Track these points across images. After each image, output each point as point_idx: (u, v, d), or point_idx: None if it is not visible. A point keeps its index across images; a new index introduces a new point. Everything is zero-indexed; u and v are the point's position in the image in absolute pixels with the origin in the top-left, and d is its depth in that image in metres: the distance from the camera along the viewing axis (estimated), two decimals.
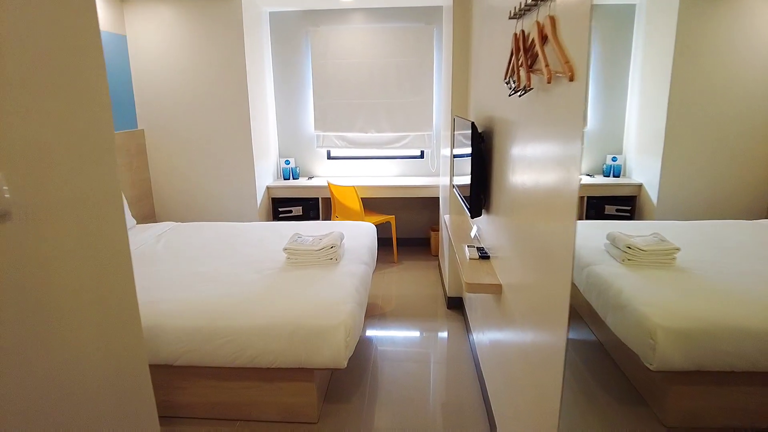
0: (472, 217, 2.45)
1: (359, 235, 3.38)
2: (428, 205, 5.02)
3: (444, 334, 3.27)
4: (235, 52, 4.15)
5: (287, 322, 2.19)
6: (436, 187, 4.55)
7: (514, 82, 1.76)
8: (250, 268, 2.79)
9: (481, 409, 2.47)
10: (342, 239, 2.96)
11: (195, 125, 4.33)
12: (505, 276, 2.01)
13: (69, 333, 1.18)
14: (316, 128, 4.89)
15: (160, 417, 2.48)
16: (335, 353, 2.17)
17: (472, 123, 2.29)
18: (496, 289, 2.13)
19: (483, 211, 2.49)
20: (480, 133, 2.37)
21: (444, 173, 3.94)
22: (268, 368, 2.24)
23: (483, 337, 2.64)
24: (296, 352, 2.18)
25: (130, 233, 3.59)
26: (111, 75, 3.96)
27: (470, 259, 2.41)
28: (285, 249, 2.82)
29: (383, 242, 5.14)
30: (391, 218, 4.55)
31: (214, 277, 2.66)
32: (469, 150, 2.44)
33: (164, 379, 2.37)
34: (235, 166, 4.37)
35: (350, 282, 2.54)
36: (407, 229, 5.13)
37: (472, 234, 2.81)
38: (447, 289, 3.67)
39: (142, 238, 3.44)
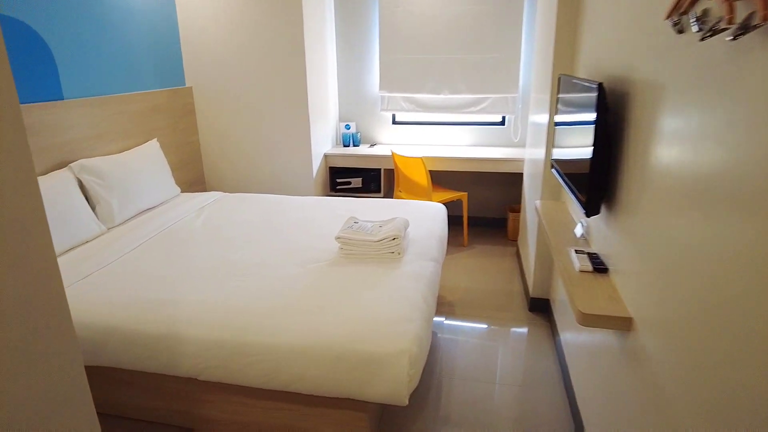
0: (589, 215, 1.79)
1: (427, 219, 2.80)
2: (507, 180, 4.33)
3: (525, 346, 2.68)
4: (292, 5, 3.58)
5: (332, 343, 1.68)
6: (519, 161, 3.85)
7: (696, 20, 1.07)
8: (294, 258, 2.30)
9: None
10: (406, 227, 2.39)
11: (247, 83, 3.85)
12: (643, 304, 1.37)
13: None
14: (380, 88, 4.28)
15: (181, 428, 2.15)
16: (394, 388, 1.65)
17: (599, 85, 1.61)
18: (624, 324, 1.50)
19: (602, 205, 1.83)
20: (604, 100, 1.68)
21: (533, 144, 3.24)
22: None
23: (581, 363, 2.02)
24: (343, 382, 1.68)
25: (172, 203, 3.23)
26: (156, 27, 3.53)
27: (581, 270, 1.77)
28: (338, 237, 2.30)
29: (450, 220, 4.54)
30: (463, 195, 3.92)
31: (247, 270, 2.19)
32: (585, 120, 1.77)
33: (186, 389, 1.96)
34: (290, 129, 3.88)
35: (416, 288, 1.99)
36: (480, 208, 4.48)
37: (578, 232, 2.15)
38: (530, 287, 3.04)
39: (183, 210, 3.05)
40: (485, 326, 2.85)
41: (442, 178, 4.41)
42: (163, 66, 3.64)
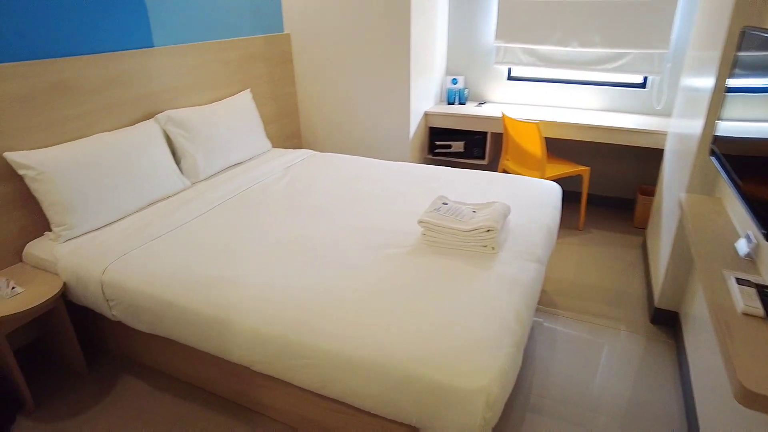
0: None
1: (535, 203, 2.33)
2: (641, 155, 3.61)
3: (639, 369, 2.18)
4: None
5: (396, 363, 1.37)
6: (660, 134, 3.13)
7: None
8: (371, 239, 2.01)
9: None
10: (506, 216, 1.97)
11: (346, 30, 3.51)
12: None
13: None
14: (497, 38, 3.70)
15: (240, 406, 2.03)
16: (465, 427, 1.32)
17: None
18: None
19: None
20: None
21: (683, 114, 2.56)
22: None
23: (718, 407, 1.52)
24: (403, 408, 1.39)
25: (260, 159, 3.08)
26: None
27: (744, 313, 1.26)
28: (421, 221, 1.95)
29: (565, 196, 3.95)
30: (585, 171, 3.32)
31: (317, 250, 1.93)
32: None
33: (243, 373, 1.80)
34: (389, 83, 3.51)
35: (509, 300, 1.60)
36: (603, 185, 3.83)
37: (741, 248, 1.58)
38: (656, 294, 2.48)
39: (270, 168, 2.89)
40: (591, 335, 2.38)
41: (561, 147, 3.80)
42: (260, 11, 3.42)
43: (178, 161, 2.68)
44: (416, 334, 1.44)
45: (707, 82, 2.16)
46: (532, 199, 2.37)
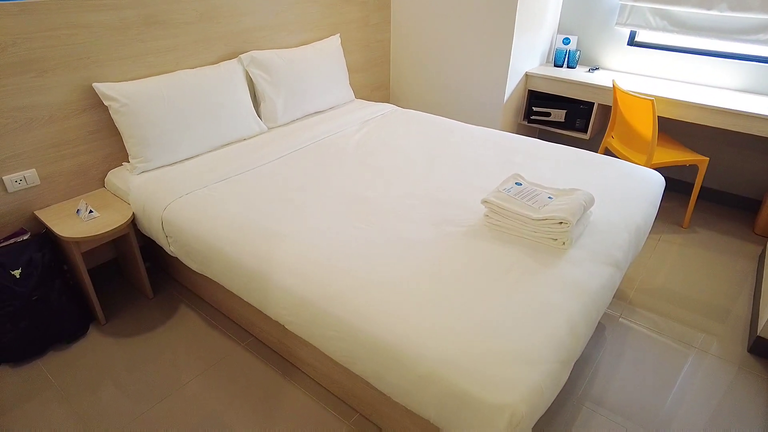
0: None
1: (630, 195, 2.02)
2: None
3: (723, 401, 1.87)
4: None
5: (421, 357, 1.26)
6: None
7: None
8: (432, 212, 1.86)
9: None
10: (588, 208, 1.72)
11: None
12: None
13: None
14: None
15: (280, 357, 2.07)
16: None
17: None
18: None
19: None
20: None
21: None
22: None
23: None
24: (425, 403, 1.29)
25: (341, 110, 2.99)
26: None
27: None
28: (485, 201, 1.76)
29: (672, 185, 3.47)
30: (702, 161, 2.84)
31: (374, 216, 1.83)
32: None
33: (282, 327, 1.81)
34: (489, 36, 3.20)
35: (568, 309, 1.40)
36: (722, 179, 3.28)
37: None
38: (762, 320, 2.09)
39: (348, 120, 2.80)
40: (671, 351, 2.09)
41: (679, 129, 3.29)
42: None
43: (257, 104, 2.67)
44: (449, 329, 1.31)
45: None
46: (627, 189, 2.06)
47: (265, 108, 2.65)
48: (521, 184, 1.83)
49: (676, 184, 3.46)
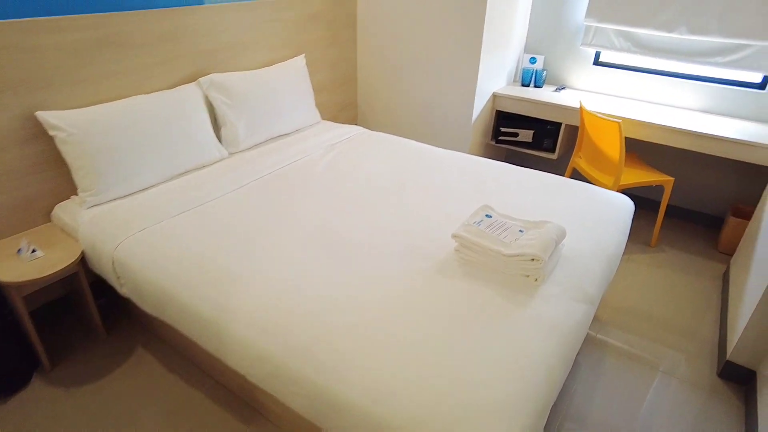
0: None
1: (601, 222, 2.00)
2: (741, 169, 3.08)
3: (698, 428, 1.86)
4: None
5: (391, 414, 1.18)
6: None
7: None
8: (399, 245, 1.79)
9: None
10: (559, 242, 1.68)
11: None
12: None
13: None
14: (588, 15, 3.22)
15: (242, 401, 1.91)
16: None
17: None
18: None
19: None
20: None
21: None
22: None
23: None
24: None
25: (306, 132, 2.91)
26: None
27: None
28: (455, 236, 1.70)
29: (640, 205, 3.51)
30: (668, 181, 2.87)
31: (339, 251, 1.74)
32: None
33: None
34: (457, 57, 3.17)
35: (544, 350, 1.34)
36: (687, 196, 3.33)
37: None
38: (731, 343, 2.10)
39: (314, 143, 2.71)
40: (641, 376, 2.07)
41: (644, 149, 3.33)
42: None
43: (218, 129, 2.56)
44: (421, 383, 1.23)
45: None
46: (598, 215, 2.04)
47: (226, 133, 2.54)
48: (491, 216, 1.78)
49: (644, 203, 3.50)
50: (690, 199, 3.32)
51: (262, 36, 2.82)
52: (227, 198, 2.12)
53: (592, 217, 2.03)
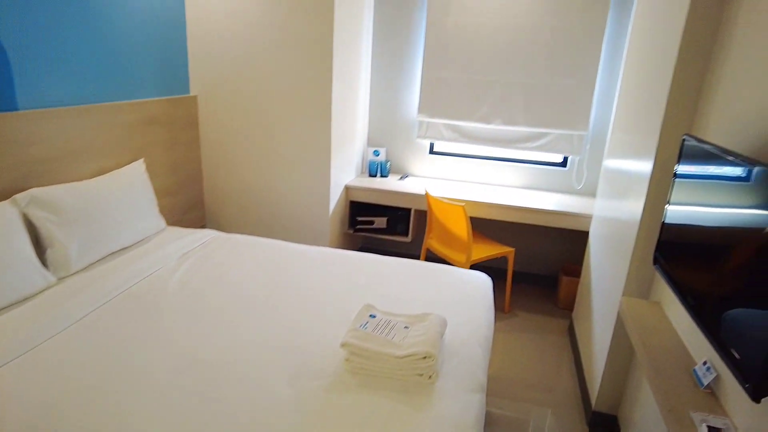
0: (757, 399, 1.07)
1: (469, 304, 2.10)
2: (566, 234, 3.59)
3: None
4: (321, 4, 2.94)
5: None
6: (584, 217, 3.11)
7: None
8: (281, 363, 1.64)
9: None
10: (443, 333, 1.71)
11: (262, 94, 3.23)
12: None
13: None
14: (420, 112, 3.60)
15: None
16: None
17: None
18: None
19: None
20: None
21: (610, 197, 2.52)
22: None
23: None
24: None
25: (151, 243, 2.61)
26: (158, 24, 2.93)
27: None
28: (344, 344, 1.62)
29: (489, 274, 3.83)
30: (510, 252, 3.21)
31: (206, 387, 1.53)
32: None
33: None
34: (308, 153, 3.24)
35: None
36: (527, 262, 3.75)
37: (703, 377, 1.43)
38: (593, 395, 2.32)
39: (163, 255, 2.43)
40: None
41: (486, 225, 3.70)
42: (164, 70, 3.04)
43: (42, 251, 2.16)
44: None
45: (618, 164, 2.12)
46: (466, 298, 2.15)
47: (53, 255, 2.15)
48: (375, 316, 1.75)
49: (493, 272, 3.83)
50: (530, 263, 3.74)
51: (93, 142, 2.54)
52: (59, 339, 1.74)
53: (462, 301, 2.13)
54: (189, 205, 3.41)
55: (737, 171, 1.28)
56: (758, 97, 1.40)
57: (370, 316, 1.75)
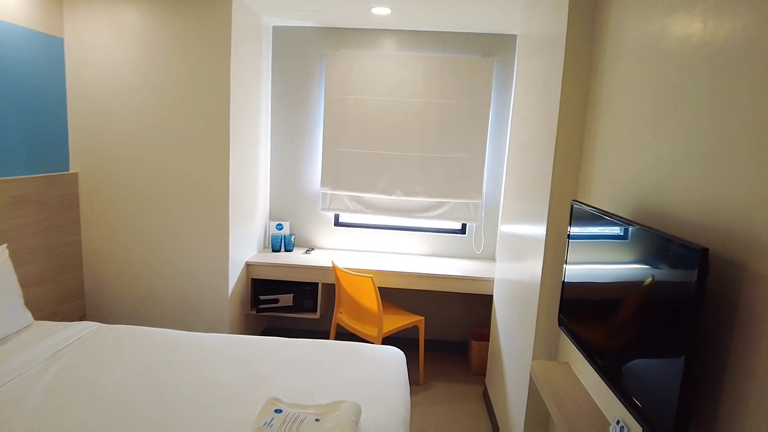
0: None
1: (385, 385, 1.99)
2: (472, 298, 3.65)
3: None
4: (216, 76, 2.89)
5: None
6: (487, 280, 3.19)
7: None
8: None
9: None
10: (357, 421, 1.58)
11: (152, 170, 3.03)
12: None
13: None
14: (322, 184, 3.59)
15: None
16: None
17: (703, 252, 0.97)
18: None
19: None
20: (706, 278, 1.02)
21: (508, 258, 2.61)
22: None
23: None
24: None
25: (14, 341, 2.21)
26: (36, 89, 2.69)
27: None
28: None
29: (402, 346, 3.76)
30: (420, 321, 3.18)
31: None
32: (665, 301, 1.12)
33: None
34: (204, 229, 3.04)
35: None
36: (437, 329, 3.74)
37: None
38: None
39: (28, 356, 2.06)
40: None
41: (394, 295, 3.67)
42: (37, 145, 2.75)
43: None
44: None
45: (513, 229, 2.22)
46: (378, 376, 2.04)
47: None
48: (282, 411, 1.59)
49: (404, 342, 3.75)
50: (440, 331, 3.73)
51: None
52: None
53: (375, 378, 2.02)
54: (66, 295, 3.00)
55: (617, 230, 1.37)
56: (625, 164, 1.54)
57: (276, 411, 1.58)
